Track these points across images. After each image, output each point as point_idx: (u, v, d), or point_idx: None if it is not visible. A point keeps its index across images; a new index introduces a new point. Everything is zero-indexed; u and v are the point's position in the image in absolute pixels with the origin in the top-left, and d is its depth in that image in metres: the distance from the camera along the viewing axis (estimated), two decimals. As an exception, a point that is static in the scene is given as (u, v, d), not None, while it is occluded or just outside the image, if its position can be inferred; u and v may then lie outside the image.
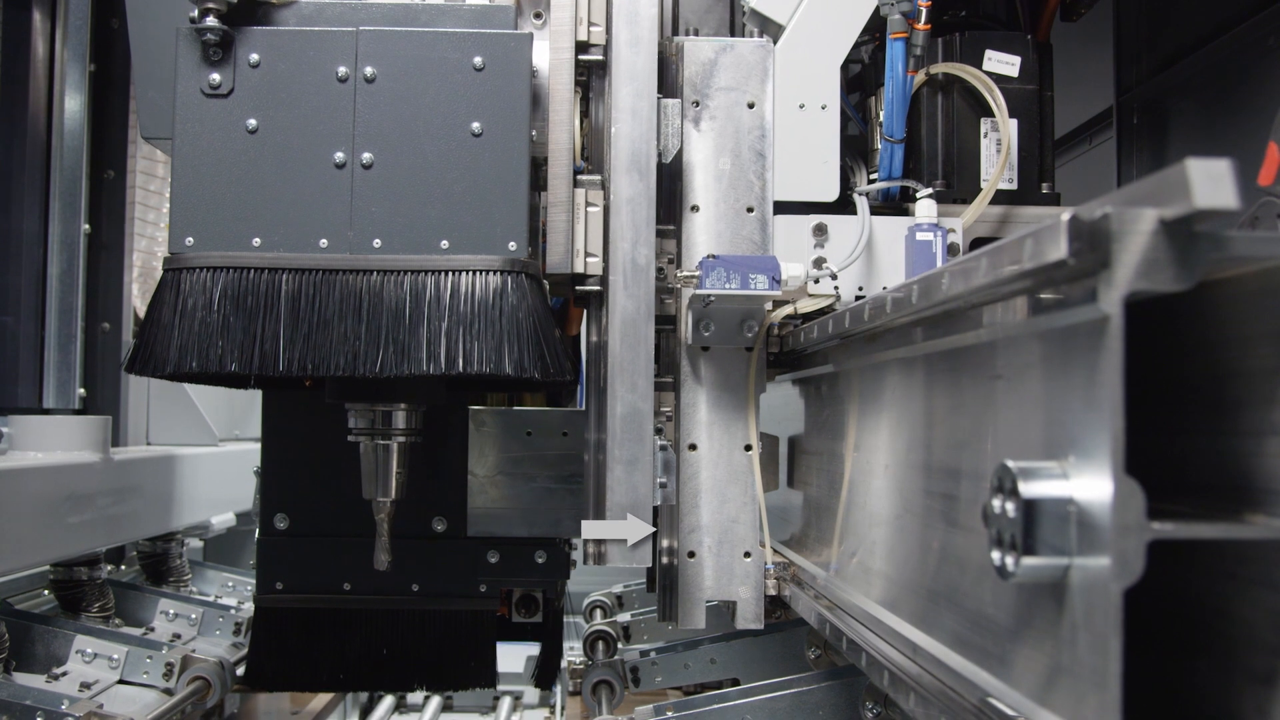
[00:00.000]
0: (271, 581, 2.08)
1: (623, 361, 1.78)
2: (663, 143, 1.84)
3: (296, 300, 1.60)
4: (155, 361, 1.59)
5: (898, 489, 1.37)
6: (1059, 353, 0.92)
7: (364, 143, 1.66)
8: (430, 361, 1.58)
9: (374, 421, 1.83)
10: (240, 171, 1.64)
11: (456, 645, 2.12)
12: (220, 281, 1.60)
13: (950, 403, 1.19)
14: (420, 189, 1.65)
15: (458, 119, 1.67)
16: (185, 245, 1.64)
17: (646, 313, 1.78)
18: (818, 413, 1.91)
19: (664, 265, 1.88)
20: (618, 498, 1.77)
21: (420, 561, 2.08)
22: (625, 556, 1.78)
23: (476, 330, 1.61)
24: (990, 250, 0.94)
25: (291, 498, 2.10)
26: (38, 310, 2.78)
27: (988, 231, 1.99)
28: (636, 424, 1.78)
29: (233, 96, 1.65)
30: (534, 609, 2.25)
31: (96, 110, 2.85)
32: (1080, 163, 2.54)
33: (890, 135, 1.94)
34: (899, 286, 1.26)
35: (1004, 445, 1.03)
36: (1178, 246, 0.80)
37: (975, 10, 2.16)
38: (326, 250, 1.63)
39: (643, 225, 1.78)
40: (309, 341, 1.58)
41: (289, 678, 2.13)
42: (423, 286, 1.62)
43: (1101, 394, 0.83)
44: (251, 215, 1.63)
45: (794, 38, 1.95)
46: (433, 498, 2.08)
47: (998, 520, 0.91)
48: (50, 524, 2.02)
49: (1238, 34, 1.99)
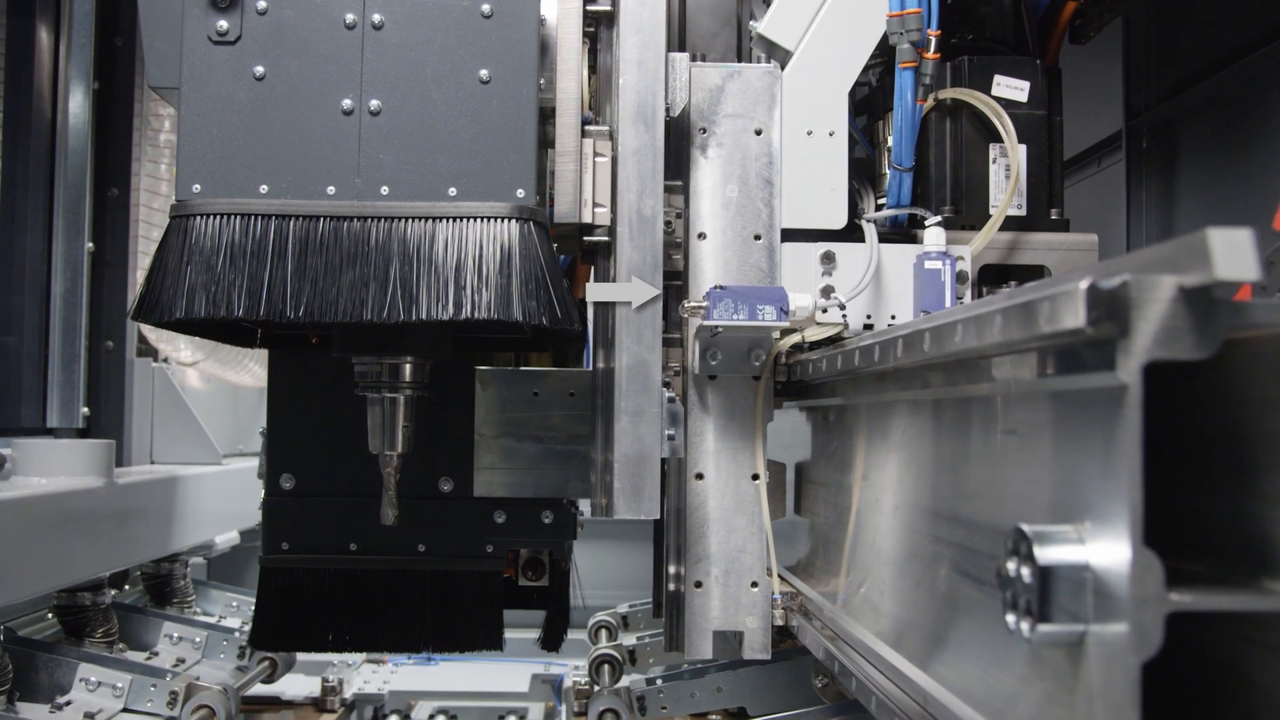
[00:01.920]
0: (277, 542, 2.07)
1: (630, 313, 1.76)
2: (670, 96, 1.83)
3: (304, 247, 1.59)
4: (162, 307, 1.57)
5: (908, 532, 1.36)
6: (1074, 414, 0.90)
7: (372, 90, 1.64)
8: (438, 307, 1.57)
9: (381, 374, 1.82)
10: (247, 119, 1.63)
11: (463, 606, 2.10)
12: (227, 228, 1.59)
13: (961, 451, 1.18)
14: (428, 136, 1.64)
15: (466, 66, 1.66)
16: (192, 192, 1.63)
17: (653, 263, 1.77)
18: (825, 443, 1.90)
19: (671, 220, 1.86)
20: (624, 449, 1.75)
21: (427, 522, 2.07)
22: (632, 508, 1.76)
23: (484, 276, 1.59)
24: (1005, 308, 0.93)
25: (297, 458, 2.09)
26: (41, 329, 2.76)
27: (997, 259, 1.98)
28: (643, 375, 1.76)
29: (240, 44, 1.64)
30: (540, 572, 2.23)
31: (100, 128, 2.83)
32: (1089, 185, 2.52)
33: (899, 164, 1.93)
34: (910, 326, 1.25)
35: (1017, 502, 1.02)
36: (1197, 314, 0.79)
37: (984, 33, 2.15)
38: (334, 197, 1.62)
39: (649, 176, 1.77)
40: (316, 288, 1.57)
41: (294, 638, 2.11)
42: (431, 233, 1.61)
43: (1119, 463, 0.82)
44: (259, 163, 1.63)
45: (802, 64, 1.94)
46: (439, 458, 2.07)
47: (1012, 583, 0.90)
48: (54, 552, 2.01)
49: (1249, 63, 1.97)
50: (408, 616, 2.09)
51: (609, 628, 2.79)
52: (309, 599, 2.07)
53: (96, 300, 2.82)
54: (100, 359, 2.82)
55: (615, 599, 3.81)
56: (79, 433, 2.78)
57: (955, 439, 1.20)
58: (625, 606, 2.86)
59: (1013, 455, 1.03)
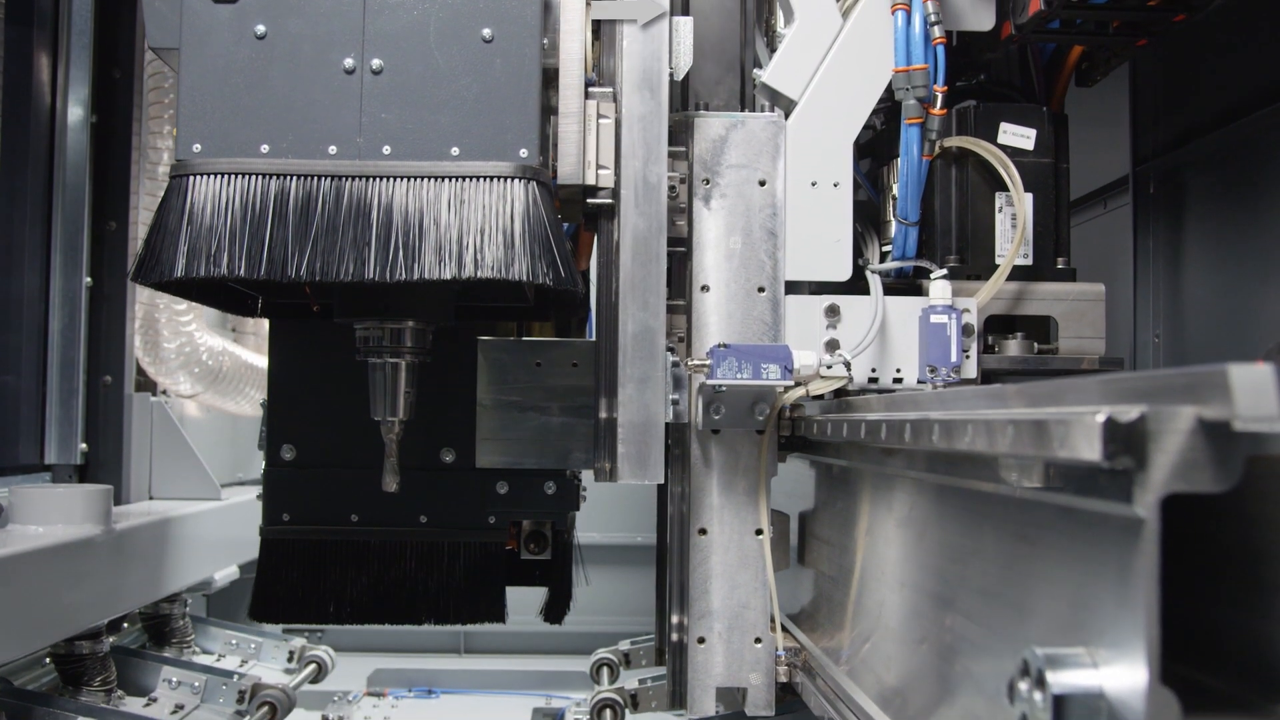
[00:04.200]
0: (278, 513, 2.05)
1: (634, 279, 1.76)
2: (674, 60, 1.81)
3: (305, 206, 1.57)
4: (162, 267, 1.55)
5: (915, 615, 1.34)
6: (1088, 533, 0.89)
7: (373, 49, 1.62)
8: (441, 265, 1.55)
9: (383, 339, 1.81)
10: (248, 78, 1.61)
11: (465, 578, 2.10)
12: (228, 188, 1.57)
13: (971, 545, 1.16)
14: (430, 95, 1.62)
15: (468, 24, 1.64)
16: (193, 152, 1.61)
17: (658, 230, 1.76)
18: (830, 500, 1.88)
19: (675, 184, 1.85)
20: (630, 415, 1.74)
21: (428, 492, 2.06)
22: (637, 473, 1.75)
23: (488, 235, 1.57)
24: (1018, 420, 0.91)
25: (298, 429, 2.08)
26: (39, 365, 2.74)
27: (1003, 309, 1.96)
28: (648, 342, 1.75)
29: (240, 2, 1.63)
30: (543, 544, 2.21)
31: (98, 161, 2.81)
32: (1095, 227, 2.50)
33: (904, 218, 1.91)
34: (917, 408, 1.22)
35: (1027, 610, 1.00)
36: (1216, 445, 0.77)
37: (989, 76, 2.13)
38: (336, 157, 1.60)
39: (654, 143, 1.77)
40: (317, 247, 1.55)
41: (295, 610, 2.10)
42: (433, 193, 1.59)
43: (1135, 595, 0.80)
44: (260, 122, 1.60)
45: (806, 113, 1.92)
46: (441, 429, 2.06)
47: (1024, 703, 0.88)
48: (52, 606, 1.99)
49: (1258, 118, 1.95)
50: (409, 588, 2.09)
51: (611, 665, 2.77)
52: (310, 570, 2.06)
53: (95, 335, 2.80)
54: (99, 394, 2.79)
55: (616, 624, 3.80)
56: (77, 469, 2.77)
57: (965, 530, 1.18)
58: (627, 644, 2.83)
59: (1024, 561, 1.01)
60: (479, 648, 4.22)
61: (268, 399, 2.11)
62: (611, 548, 4.10)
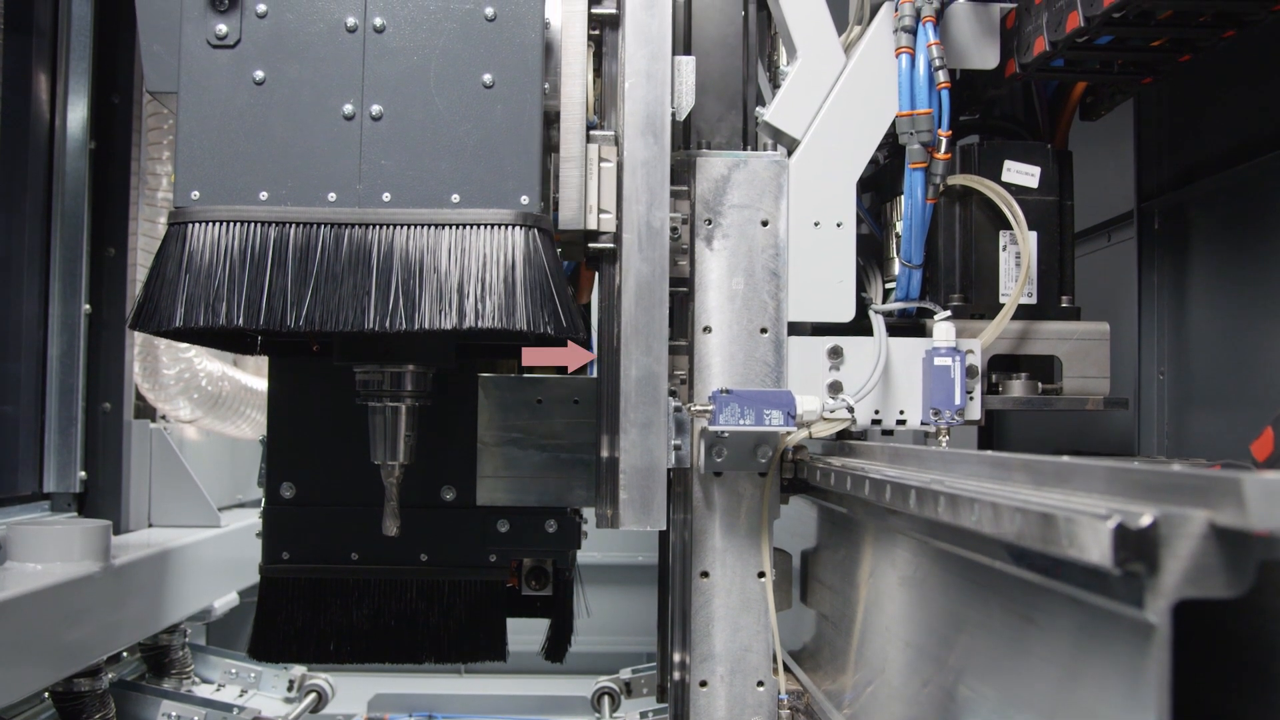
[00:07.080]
0: (278, 551, 2.04)
1: (637, 324, 1.74)
2: (676, 101, 1.80)
3: (304, 254, 1.56)
4: (160, 316, 1.54)
5: (919, 679, 1.33)
6: (1096, 627, 0.87)
7: (373, 94, 1.61)
8: (441, 316, 1.54)
9: (383, 383, 1.80)
10: (247, 124, 1.60)
11: (466, 616, 2.09)
12: (226, 235, 1.56)
13: (979, 617, 1.14)
14: (430, 141, 1.61)
15: (469, 70, 1.62)
16: (191, 199, 1.59)
17: (661, 275, 1.75)
18: (832, 543, 1.87)
19: (677, 225, 1.84)
20: (632, 460, 1.73)
21: (429, 531, 2.05)
22: (640, 519, 1.74)
23: (488, 284, 1.56)
24: (1025, 510, 0.90)
25: (298, 467, 2.06)
26: (38, 392, 2.73)
27: (1007, 349, 1.94)
28: (651, 387, 1.74)
29: (239, 47, 1.61)
30: (544, 581, 2.20)
31: (97, 187, 2.81)
32: (1099, 260, 2.48)
33: (908, 261, 1.90)
34: (924, 470, 1.21)
35: (1034, 693, 0.99)
36: (1229, 551, 0.76)
37: (993, 112, 2.11)
38: (335, 204, 1.59)
39: (658, 188, 1.75)
40: (317, 296, 1.54)
41: (295, 649, 2.09)
42: (433, 241, 1.58)
43: (1145, 700, 0.78)
44: (258, 168, 1.59)
45: (809, 153, 1.90)
46: (442, 466, 2.05)
47: (1033, 797, 0.87)
48: (50, 647, 1.98)
49: (1265, 161, 1.94)
50: (410, 627, 2.08)
51: (612, 695, 2.76)
52: (309, 609, 2.05)
53: (94, 362, 2.80)
54: (98, 422, 2.79)
55: (617, 644, 3.79)
56: (76, 497, 2.76)
57: (969, 601, 1.17)
58: (628, 672, 2.83)
59: (1030, 644, 1.00)
60: (480, 668, 4.20)
61: (267, 436, 2.10)
62: (612, 567, 4.09)
